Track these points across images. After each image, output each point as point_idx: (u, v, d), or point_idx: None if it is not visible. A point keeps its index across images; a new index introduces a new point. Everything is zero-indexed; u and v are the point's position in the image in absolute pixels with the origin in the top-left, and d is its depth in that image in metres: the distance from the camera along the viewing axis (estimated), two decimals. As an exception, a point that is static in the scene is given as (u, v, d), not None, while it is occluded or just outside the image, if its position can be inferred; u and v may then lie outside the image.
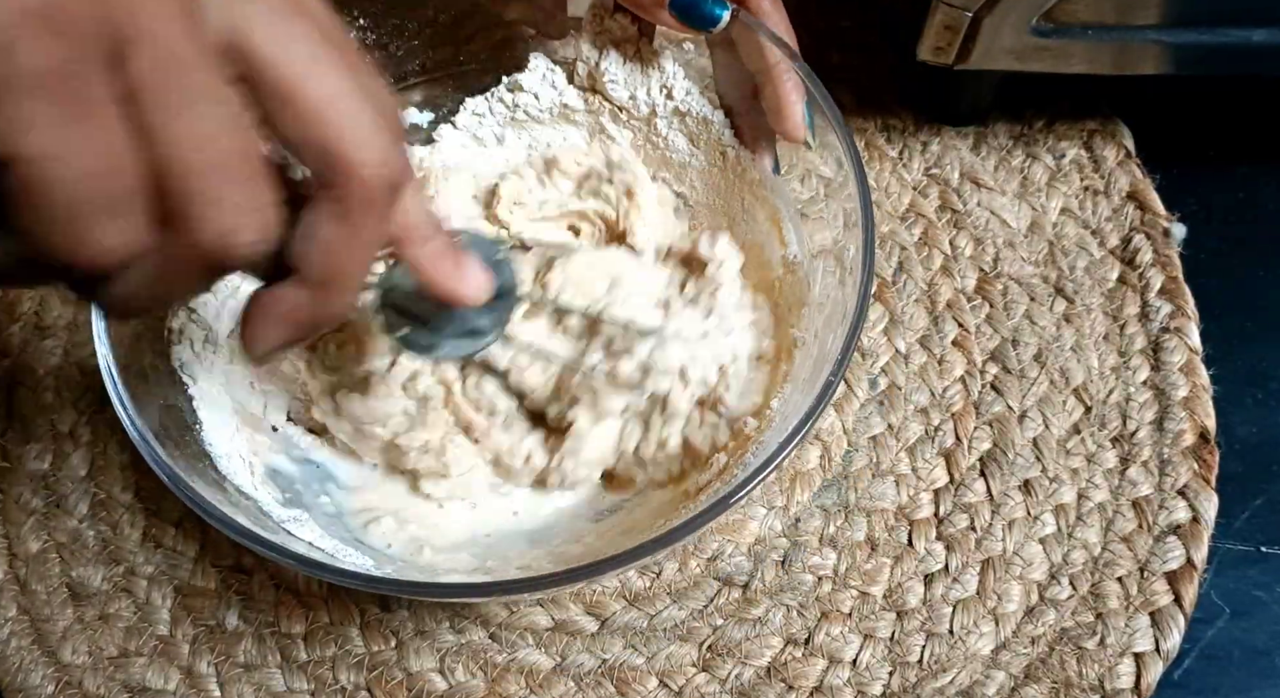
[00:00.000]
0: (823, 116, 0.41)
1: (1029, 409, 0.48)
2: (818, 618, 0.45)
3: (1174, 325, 0.49)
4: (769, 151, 0.46)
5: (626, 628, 0.45)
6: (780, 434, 0.37)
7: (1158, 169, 0.53)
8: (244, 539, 0.35)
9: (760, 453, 0.39)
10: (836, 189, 0.42)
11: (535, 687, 0.44)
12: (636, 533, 0.41)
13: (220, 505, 0.35)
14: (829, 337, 0.40)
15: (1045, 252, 0.52)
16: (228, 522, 0.35)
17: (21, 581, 0.46)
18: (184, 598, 0.46)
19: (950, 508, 0.46)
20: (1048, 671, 0.43)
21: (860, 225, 0.39)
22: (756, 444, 0.41)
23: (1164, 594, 0.44)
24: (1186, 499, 0.46)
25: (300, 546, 0.38)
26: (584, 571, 0.35)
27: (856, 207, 0.39)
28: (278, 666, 0.45)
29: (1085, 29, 0.45)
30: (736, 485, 0.35)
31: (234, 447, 0.42)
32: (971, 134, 0.55)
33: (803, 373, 0.42)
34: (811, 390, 0.37)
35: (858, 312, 0.37)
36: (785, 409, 0.41)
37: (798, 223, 0.45)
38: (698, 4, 0.40)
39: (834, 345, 0.38)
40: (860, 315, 0.37)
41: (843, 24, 0.58)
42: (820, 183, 0.44)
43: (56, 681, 0.44)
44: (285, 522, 0.40)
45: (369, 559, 0.40)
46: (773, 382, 0.44)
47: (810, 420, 0.35)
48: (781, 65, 0.41)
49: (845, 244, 0.41)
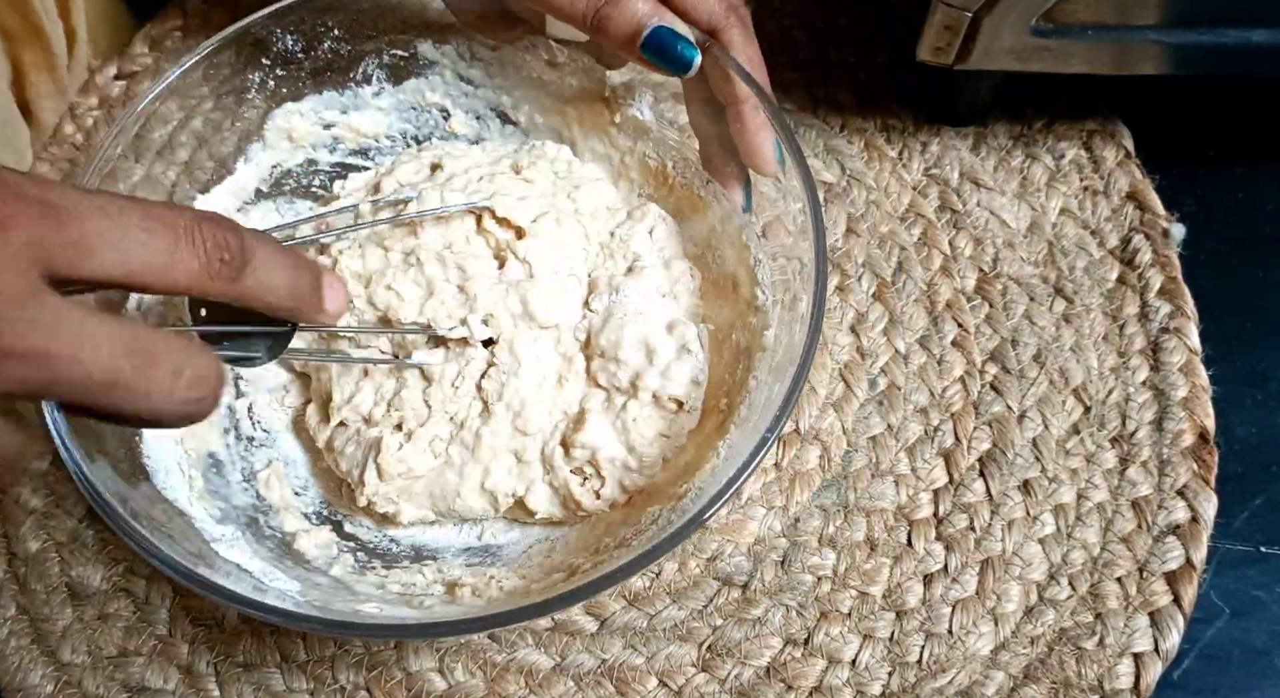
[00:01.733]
0: (791, 156, 0.41)
1: (1028, 409, 0.48)
2: (817, 618, 0.45)
3: (1173, 326, 0.49)
4: (739, 185, 0.46)
5: (626, 628, 0.45)
6: (714, 485, 0.37)
7: (1157, 169, 0.53)
8: (165, 568, 0.35)
9: (689, 504, 0.40)
10: (799, 233, 0.41)
11: (534, 687, 0.44)
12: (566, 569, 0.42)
13: (150, 534, 0.36)
14: (775, 384, 0.39)
15: (1045, 252, 0.52)
16: (151, 550, 0.36)
17: (21, 580, 0.47)
18: (183, 598, 0.46)
19: (949, 508, 0.46)
20: (1047, 671, 0.43)
21: (813, 277, 0.38)
22: (694, 490, 0.41)
23: (1163, 595, 0.44)
24: (1186, 500, 0.46)
25: (222, 574, 0.38)
26: (494, 619, 0.35)
27: (812, 257, 0.39)
28: (277, 665, 0.45)
29: (1085, 29, 0.45)
30: (655, 546, 0.35)
31: (173, 457, 0.43)
32: (971, 134, 0.55)
33: (751, 419, 0.41)
34: (749, 442, 0.37)
35: (802, 360, 0.37)
36: (730, 454, 0.41)
37: (768, 265, 0.45)
38: (670, 47, 0.40)
39: (777, 392, 0.37)
40: (804, 367, 0.37)
41: (842, 23, 0.58)
42: (784, 231, 0.44)
43: (56, 680, 0.44)
44: (216, 540, 0.41)
45: (295, 583, 0.40)
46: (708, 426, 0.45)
47: (741, 477, 0.35)
48: (750, 101, 0.41)
49: (798, 292, 0.41)
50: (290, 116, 0.50)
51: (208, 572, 0.36)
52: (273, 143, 0.50)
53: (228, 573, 0.39)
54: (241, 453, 0.47)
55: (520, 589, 0.41)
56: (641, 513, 0.42)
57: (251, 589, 0.38)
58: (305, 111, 0.50)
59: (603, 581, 0.34)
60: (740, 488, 0.36)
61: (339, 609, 0.39)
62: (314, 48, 0.49)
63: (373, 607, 0.40)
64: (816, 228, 0.39)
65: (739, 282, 0.47)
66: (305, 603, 0.39)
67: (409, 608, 0.41)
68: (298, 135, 0.50)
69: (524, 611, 0.34)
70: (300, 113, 0.50)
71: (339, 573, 0.43)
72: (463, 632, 0.37)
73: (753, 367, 0.44)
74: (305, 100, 0.50)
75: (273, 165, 0.51)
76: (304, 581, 0.41)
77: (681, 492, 0.41)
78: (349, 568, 0.43)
